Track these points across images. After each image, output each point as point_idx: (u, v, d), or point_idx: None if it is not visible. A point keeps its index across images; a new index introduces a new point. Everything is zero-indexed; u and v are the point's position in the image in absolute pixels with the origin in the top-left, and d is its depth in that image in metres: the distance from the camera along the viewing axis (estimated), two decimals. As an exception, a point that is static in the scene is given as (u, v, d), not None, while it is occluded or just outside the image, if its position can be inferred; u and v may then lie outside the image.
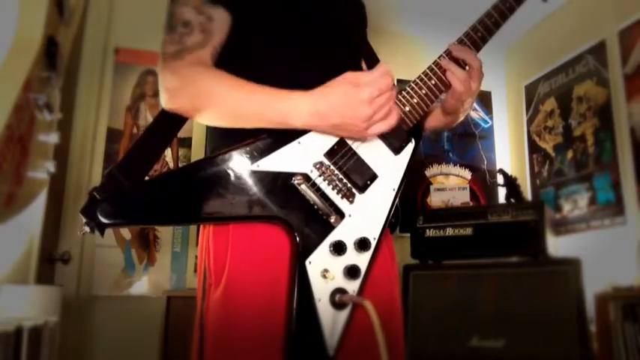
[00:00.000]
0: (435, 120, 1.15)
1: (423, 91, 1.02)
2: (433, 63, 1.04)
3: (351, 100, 0.90)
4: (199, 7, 0.97)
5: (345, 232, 0.94)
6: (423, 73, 1.04)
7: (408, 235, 2.63)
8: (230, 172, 0.91)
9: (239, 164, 0.92)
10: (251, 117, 0.93)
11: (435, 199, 3.38)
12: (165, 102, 0.97)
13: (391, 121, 0.94)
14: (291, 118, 0.92)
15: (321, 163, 0.95)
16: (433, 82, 1.03)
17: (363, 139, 0.97)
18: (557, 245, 2.62)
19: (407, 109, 1.01)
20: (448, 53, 1.04)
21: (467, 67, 1.04)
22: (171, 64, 0.95)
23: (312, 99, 0.92)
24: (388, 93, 0.92)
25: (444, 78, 1.03)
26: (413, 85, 1.03)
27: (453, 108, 1.09)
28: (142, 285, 2.76)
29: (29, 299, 1.69)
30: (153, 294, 2.72)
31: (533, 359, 2.12)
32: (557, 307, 2.13)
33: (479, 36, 1.06)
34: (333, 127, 0.94)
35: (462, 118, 1.14)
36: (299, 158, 0.94)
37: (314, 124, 0.93)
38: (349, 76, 0.92)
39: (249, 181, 0.91)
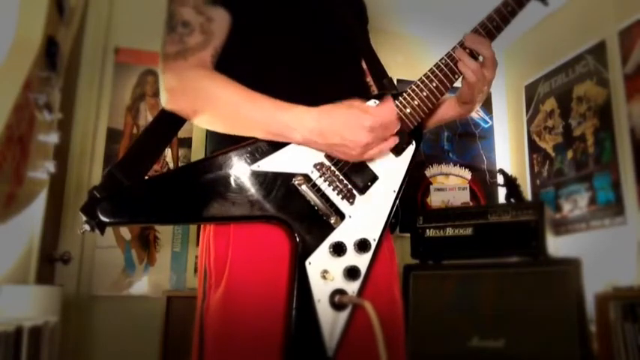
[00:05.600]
0: (450, 110, 1.16)
1: (424, 93, 1.01)
2: (434, 65, 1.04)
3: (354, 123, 0.91)
4: (199, 7, 0.97)
5: (345, 233, 0.94)
6: (424, 74, 1.03)
7: (408, 235, 2.63)
8: (231, 172, 0.91)
9: (240, 164, 0.92)
10: (254, 125, 0.93)
11: (435, 199, 3.38)
12: (166, 102, 0.98)
13: (384, 150, 0.96)
14: (292, 130, 0.92)
15: (322, 164, 0.96)
16: (434, 84, 1.02)
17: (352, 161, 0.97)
18: (557, 245, 2.61)
19: (408, 110, 1.01)
20: (461, 44, 1.03)
21: (480, 58, 1.04)
22: (172, 65, 0.96)
23: (317, 115, 0.93)
24: (390, 126, 0.94)
25: (444, 80, 1.02)
26: (414, 87, 1.02)
27: (468, 97, 1.10)
28: (142, 285, 2.75)
29: (29, 299, 1.69)
30: (153, 294, 2.72)
31: (533, 359, 2.12)
32: (557, 307, 2.12)
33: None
34: (329, 147, 0.94)
35: (477, 107, 1.15)
36: (300, 159, 0.94)
37: (313, 140, 0.93)
38: (356, 102, 0.95)
39: (250, 182, 0.91)
